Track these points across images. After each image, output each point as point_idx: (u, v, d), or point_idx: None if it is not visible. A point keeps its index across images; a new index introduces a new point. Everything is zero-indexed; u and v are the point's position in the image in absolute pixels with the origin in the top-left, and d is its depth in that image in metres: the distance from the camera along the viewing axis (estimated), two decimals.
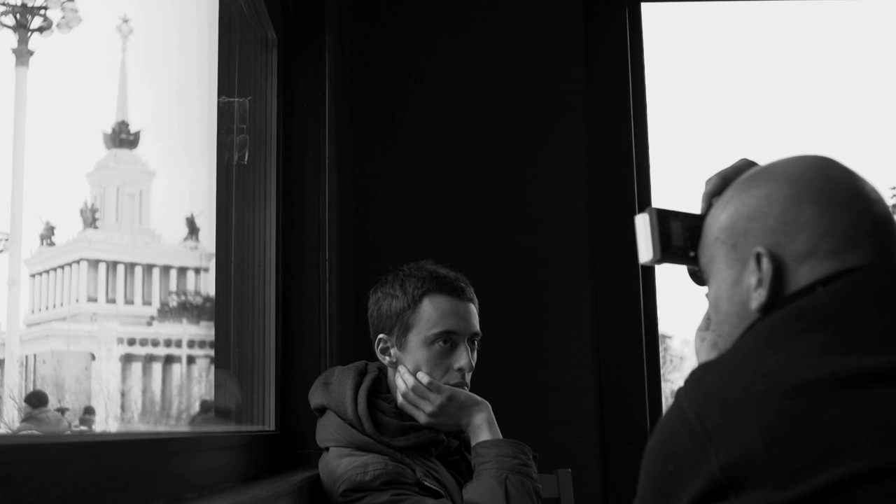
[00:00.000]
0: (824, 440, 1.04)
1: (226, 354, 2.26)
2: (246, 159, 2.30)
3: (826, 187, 1.24)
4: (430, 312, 2.07)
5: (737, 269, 1.28)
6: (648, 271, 3.03)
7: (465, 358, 2.08)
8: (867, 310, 1.16)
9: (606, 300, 2.98)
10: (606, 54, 3.11)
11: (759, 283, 1.24)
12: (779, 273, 1.23)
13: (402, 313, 2.08)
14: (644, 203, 3.03)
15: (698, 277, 1.41)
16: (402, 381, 2.07)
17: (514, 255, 3.00)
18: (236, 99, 2.29)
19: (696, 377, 1.19)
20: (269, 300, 2.35)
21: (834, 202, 1.23)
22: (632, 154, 3.06)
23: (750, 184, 1.30)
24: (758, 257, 1.24)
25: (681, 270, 1.46)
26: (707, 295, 1.37)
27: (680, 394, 1.17)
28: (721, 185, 1.38)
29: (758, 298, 1.25)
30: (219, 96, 2.25)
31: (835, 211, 1.22)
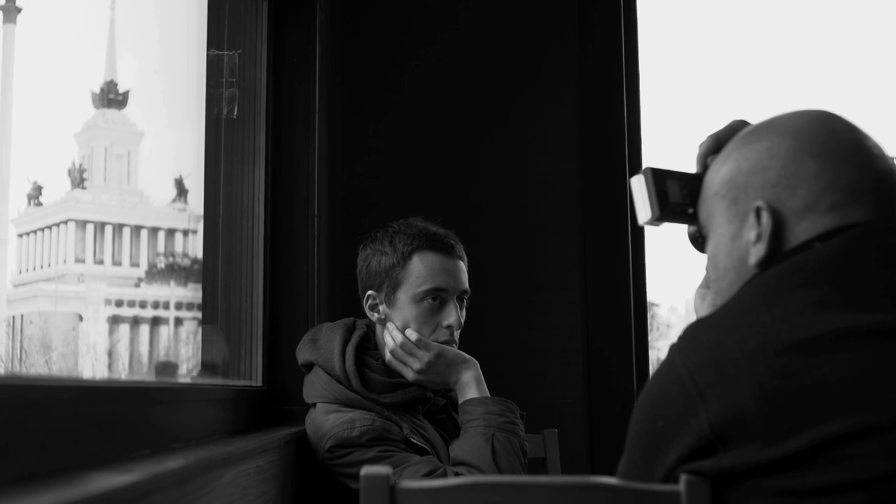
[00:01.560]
0: (815, 398, 1.04)
1: (213, 310, 2.26)
2: (235, 113, 2.28)
3: (828, 141, 1.23)
4: (420, 269, 2.06)
5: (736, 224, 1.27)
6: (638, 236, 3.03)
7: (454, 315, 2.07)
8: (865, 266, 1.16)
9: (595, 263, 2.97)
10: (600, 17, 3.09)
11: (759, 237, 1.23)
12: (778, 227, 1.22)
13: (392, 270, 2.07)
14: (635, 166, 3.02)
15: (699, 243, 1.40)
16: (391, 337, 2.07)
17: (504, 216, 2.99)
18: (226, 52, 2.27)
19: (689, 333, 1.18)
20: (258, 256, 2.34)
21: (836, 156, 1.22)
22: (623, 116, 3.05)
23: (751, 138, 1.29)
24: (757, 211, 1.23)
25: (670, 240, 1.45)
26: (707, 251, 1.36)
27: (673, 349, 1.17)
28: (715, 145, 1.37)
29: (756, 253, 1.24)
30: (208, 49, 2.23)
31: (837, 165, 1.21)
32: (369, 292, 2.11)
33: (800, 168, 1.22)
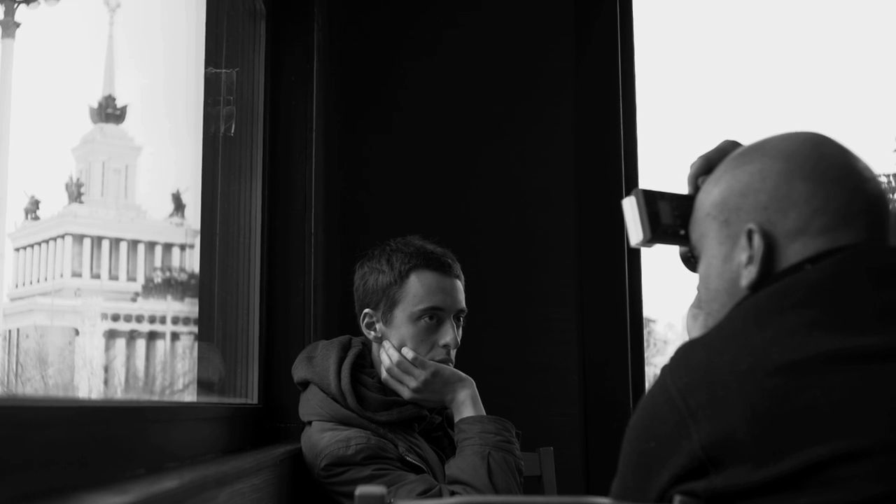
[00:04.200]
0: (806, 419, 1.04)
1: (210, 328, 2.26)
2: (232, 131, 2.29)
3: (819, 164, 1.23)
4: (417, 288, 2.06)
5: (728, 246, 1.28)
6: (634, 252, 3.03)
7: (450, 334, 2.07)
8: (856, 288, 1.16)
9: (592, 279, 2.98)
10: (597, 32, 3.10)
11: (750, 260, 1.24)
12: (770, 250, 1.22)
13: (389, 288, 2.08)
14: (631, 183, 3.03)
15: (690, 263, 1.40)
16: (387, 356, 2.07)
17: (501, 233, 2.99)
18: (223, 70, 2.28)
19: (681, 354, 1.18)
20: (254, 273, 2.34)
21: (827, 179, 1.22)
22: (620, 133, 3.05)
23: (743, 160, 1.29)
24: (749, 234, 1.24)
25: (667, 256, 1.46)
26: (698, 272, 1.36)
27: (665, 371, 1.17)
28: (705, 166, 1.37)
29: (748, 275, 1.24)
30: (206, 67, 2.23)
31: (828, 188, 1.22)
32: (366, 310, 2.11)
33: (791, 191, 1.22)
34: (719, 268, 1.29)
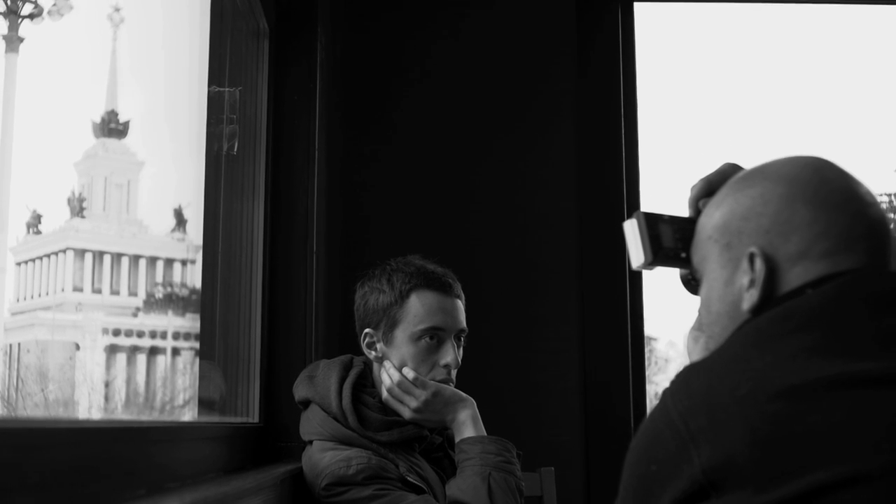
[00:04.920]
0: (807, 444, 1.04)
1: (211, 346, 2.25)
2: (235, 150, 2.29)
3: (821, 189, 1.24)
4: (418, 308, 2.06)
5: (729, 269, 1.28)
6: (636, 272, 3.03)
7: (451, 354, 2.07)
8: (856, 313, 1.16)
9: (593, 300, 2.98)
10: (598, 54, 3.11)
11: (752, 283, 1.24)
12: (771, 274, 1.22)
13: (389, 308, 2.08)
14: (633, 204, 3.03)
15: (691, 286, 1.40)
16: (388, 375, 2.07)
17: (502, 253, 2.99)
18: (227, 89, 2.28)
19: (681, 378, 1.18)
20: (256, 292, 2.35)
21: (829, 204, 1.23)
22: (621, 154, 3.06)
23: (744, 183, 1.30)
24: (751, 257, 1.24)
25: (668, 274, 1.46)
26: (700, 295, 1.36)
27: (666, 394, 1.17)
28: (706, 189, 1.38)
29: (749, 299, 1.24)
30: (209, 86, 2.24)
31: (829, 212, 1.22)
32: (367, 330, 2.11)
33: (793, 215, 1.23)
34: (721, 291, 1.29)
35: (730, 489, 1.06)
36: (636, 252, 1.39)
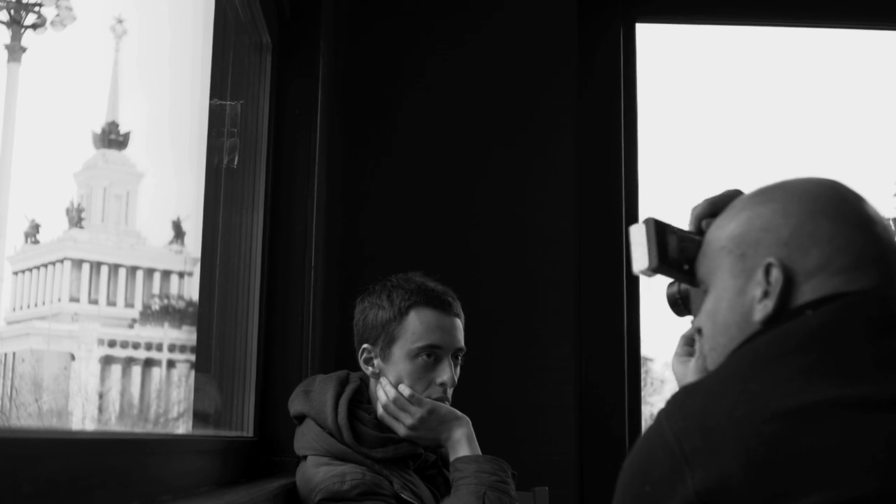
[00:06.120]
0: (801, 466, 1.04)
1: (207, 358, 2.25)
2: (236, 163, 2.29)
3: (841, 207, 1.25)
4: (416, 325, 2.06)
5: (742, 280, 1.28)
6: (633, 290, 3.04)
7: (447, 373, 2.07)
8: (855, 336, 1.16)
9: (590, 318, 2.98)
10: (599, 72, 3.12)
11: (765, 294, 1.24)
12: (788, 285, 1.23)
13: (388, 324, 2.07)
14: (632, 221, 3.03)
15: (678, 307, 1.41)
16: (384, 392, 2.06)
17: (501, 270, 2.99)
18: (228, 102, 2.29)
19: (677, 399, 1.18)
20: (253, 306, 2.34)
21: (849, 221, 1.24)
22: (621, 172, 3.07)
23: (764, 197, 1.30)
24: (767, 268, 1.24)
25: (665, 295, 1.46)
26: (694, 313, 1.36)
27: (661, 414, 1.17)
28: (710, 210, 1.38)
29: (763, 310, 1.24)
30: (211, 99, 2.24)
31: (850, 229, 1.23)
32: (365, 345, 2.11)
33: (815, 229, 1.24)
34: (731, 301, 1.29)
35: None
36: (640, 257, 1.39)
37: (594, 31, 3.13)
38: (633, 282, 3.03)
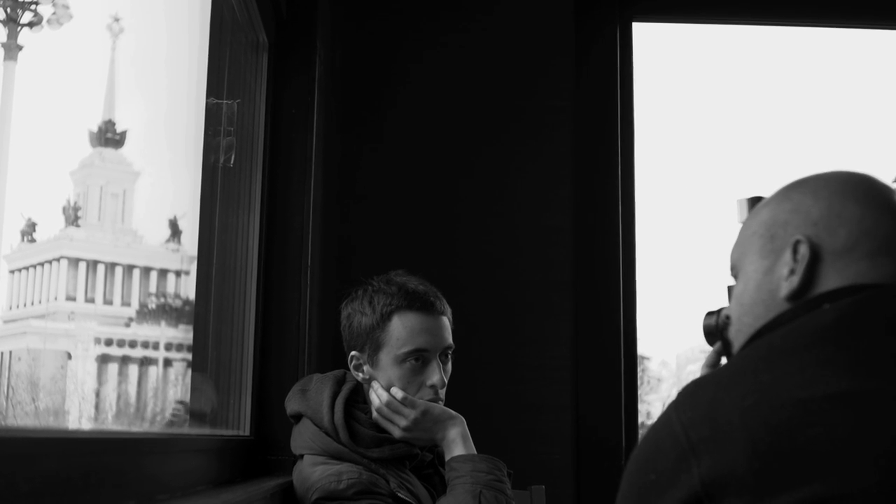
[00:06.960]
0: (807, 456, 1.04)
1: (203, 357, 2.25)
2: (232, 162, 2.29)
3: (870, 192, 1.28)
4: (400, 331, 2.04)
5: (771, 259, 1.30)
6: (629, 289, 3.04)
7: (437, 374, 2.05)
8: (872, 331, 1.17)
9: (587, 317, 2.98)
10: (595, 71, 3.12)
11: (792, 272, 1.26)
12: (814, 262, 1.24)
13: (372, 332, 2.05)
14: (628, 220, 3.04)
15: (712, 337, 1.47)
16: (376, 396, 2.05)
17: (496, 269, 2.99)
18: (225, 101, 2.28)
19: (688, 390, 1.19)
20: (249, 305, 2.34)
21: (878, 205, 1.26)
22: (617, 171, 3.07)
23: (794, 187, 1.33)
24: (795, 245, 1.26)
25: (661, 293, 1.48)
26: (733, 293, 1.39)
27: (670, 405, 1.18)
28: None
29: (789, 286, 1.26)
30: (207, 97, 2.24)
31: (879, 212, 1.25)
32: (353, 353, 2.09)
33: (844, 210, 1.26)
34: (759, 281, 1.31)
35: (726, 500, 1.06)
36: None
37: (590, 30, 3.13)
38: (629, 280, 3.04)
